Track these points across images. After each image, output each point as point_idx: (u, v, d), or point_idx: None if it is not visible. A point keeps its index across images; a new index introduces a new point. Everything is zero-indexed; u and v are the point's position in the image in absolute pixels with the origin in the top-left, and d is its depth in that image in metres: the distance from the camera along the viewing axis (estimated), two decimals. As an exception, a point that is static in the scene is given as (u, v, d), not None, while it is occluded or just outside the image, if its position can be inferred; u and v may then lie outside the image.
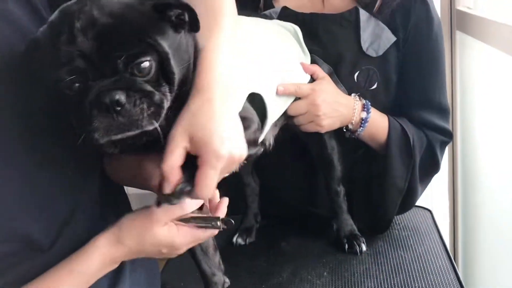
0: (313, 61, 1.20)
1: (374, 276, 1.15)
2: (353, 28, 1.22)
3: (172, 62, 0.74)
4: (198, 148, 0.72)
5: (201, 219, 0.83)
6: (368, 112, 1.19)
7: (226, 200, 0.88)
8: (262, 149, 0.98)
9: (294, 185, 1.35)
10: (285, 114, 1.12)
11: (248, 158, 0.82)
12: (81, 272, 0.78)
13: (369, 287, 1.12)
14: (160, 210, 0.78)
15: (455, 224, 1.81)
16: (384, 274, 1.16)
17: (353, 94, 1.21)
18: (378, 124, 1.22)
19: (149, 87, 0.72)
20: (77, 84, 0.71)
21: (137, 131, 0.72)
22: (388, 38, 1.22)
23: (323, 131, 1.17)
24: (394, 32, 1.22)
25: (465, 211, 1.75)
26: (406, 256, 1.22)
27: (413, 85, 1.25)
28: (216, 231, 0.85)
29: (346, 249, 1.24)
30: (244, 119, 0.84)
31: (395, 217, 1.33)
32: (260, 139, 0.96)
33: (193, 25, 0.77)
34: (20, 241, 0.76)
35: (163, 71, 0.74)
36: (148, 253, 0.82)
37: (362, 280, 1.14)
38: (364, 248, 1.24)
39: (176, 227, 0.81)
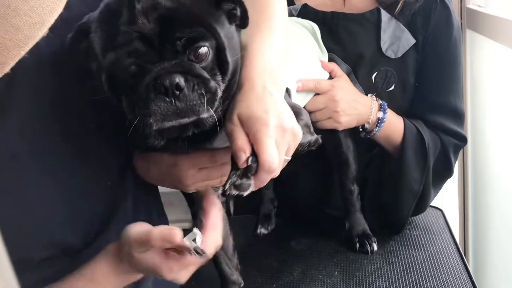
0: (331, 60, 1.20)
1: (385, 276, 1.15)
2: (373, 29, 1.22)
3: (227, 51, 0.74)
4: (246, 123, 0.71)
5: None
6: (384, 112, 1.19)
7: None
8: (320, 141, 0.93)
9: (307, 185, 1.35)
10: None
11: (308, 146, 0.83)
12: (89, 276, 0.77)
13: (380, 287, 1.11)
14: (132, 236, 0.74)
15: (466, 223, 1.80)
16: (395, 273, 1.15)
17: (369, 94, 1.21)
18: (393, 125, 1.21)
19: (205, 73, 0.72)
20: (133, 66, 0.70)
21: (192, 119, 0.72)
22: (407, 40, 1.21)
23: (340, 128, 1.17)
24: (414, 34, 1.22)
25: (476, 210, 1.74)
26: (418, 256, 1.22)
27: (430, 88, 1.25)
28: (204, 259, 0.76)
29: (357, 248, 1.24)
30: (292, 107, 0.83)
31: (405, 216, 1.32)
32: None
33: (243, 20, 0.78)
34: (57, 248, 0.78)
35: (218, 60, 0.74)
36: (146, 273, 0.78)
37: (373, 279, 1.14)
38: (375, 247, 1.23)
39: (152, 253, 0.73)
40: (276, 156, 0.71)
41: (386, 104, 1.20)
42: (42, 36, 0.56)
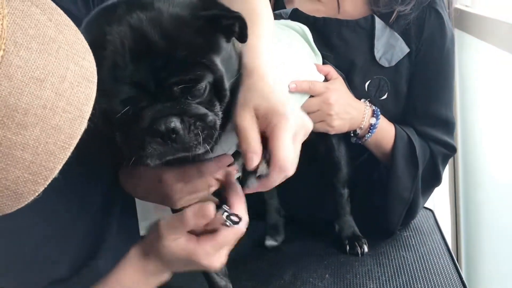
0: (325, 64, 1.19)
1: (376, 278, 1.14)
2: (367, 36, 1.21)
3: (225, 80, 0.72)
4: (265, 117, 0.69)
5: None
6: (377, 119, 1.18)
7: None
8: None
9: (299, 188, 1.34)
10: None
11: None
12: (116, 283, 0.76)
13: (371, 289, 1.11)
14: (163, 225, 0.73)
15: (457, 223, 1.80)
16: (386, 275, 1.15)
17: (363, 100, 1.20)
18: (385, 132, 1.21)
19: (202, 109, 0.70)
20: (128, 112, 0.67)
21: (189, 154, 0.71)
22: (401, 49, 1.21)
23: (332, 132, 1.15)
24: (407, 43, 1.21)
25: (467, 210, 1.74)
26: (408, 257, 1.21)
27: (420, 98, 1.24)
28: (240, 229, 0.74)
29: (348, 250, 1.23)
30: None
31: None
32: None
33: (242, 35, 0.74)
34: (45, 281, 0.76)
35: (216, 90, 0.72)
36: (174, 266, 0.77)
37: (364, 281, 1.14)
38: (366, 249, 1.23)
39: (185, 239, 0.72)
40: (292, 154, 0.68)
41: (379, 110, 1.19)
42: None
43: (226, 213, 0.71)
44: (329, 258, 1.23)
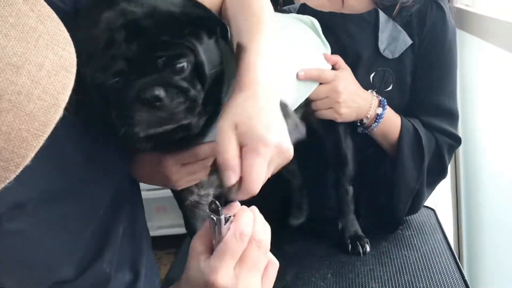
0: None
1: (378, 277, 1.15)
2: (371, 29, 1.23)
3: (205, 65, 0.79)
4: (244, 136, 0.69)
5: None
6: (384, 109, 1.20)
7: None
8: (304, 131, 0.94)
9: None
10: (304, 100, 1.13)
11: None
12: None
13: (373, 288, 1.11)
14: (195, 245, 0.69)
15: (459, 222, 1.80)
16: (388, 274, 1.15)
17: (370, 90, 1.22)
18: (391, 122, 1.23)
19: (185, 84, 0.77)
20: (118, 84, 0.74)
21: (174, 125, 0.77)
22: (405, 41, 1.23)
23: (339, 119, 1.17)
24: (410, 35, 1.23)
25: (469, 209, 1.74)
26: (410, 256, 1.21)
27: (424, 89, 1.26)
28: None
29: (350, 249, 1.24)
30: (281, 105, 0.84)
31: (398, 216, 1.32)
32: None
33: (225, 37, 0.82)
34: (50, 282, 0.77)
35: (197, 73, 0.79)
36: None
37: (367, 281, 1.14)
38: (368, 249, 1.23)
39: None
40: (261, 181, 0.68)
41: (385, 100, 1.21)
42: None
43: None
44: (331, 258, 1.23)
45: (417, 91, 1.27)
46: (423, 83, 1.26)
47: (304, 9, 1.26)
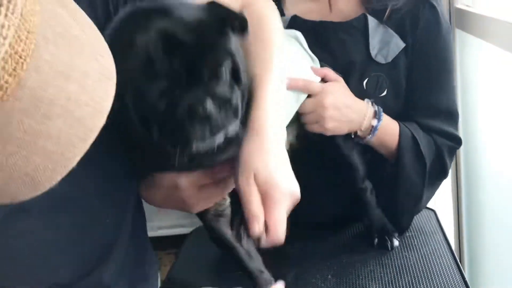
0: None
1: (379, 278, 1.14)
2: (361, 36, 1.21)
3: (240, 65, 0.79)
4: (264, 186, 0.74)
5: None
6: (379, 120, 1.17)
7: None
8: None
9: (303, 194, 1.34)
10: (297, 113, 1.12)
11: None
12: None
13: (374, 290, 1.11)
14: None
15: (460, 224, 1.80)
16: (389, 275, 1.15)
17: (366, 100, 1.19)
18: (389, 130, 1.20)
19: (228, 91, 0.76)
20: (165, 101, 0.72)
21: (225, 136, 0.76)
22: (397, 44, 1.20)
23: (327, 133, 1.14)
24: (403, 38, 1.21)
25: (469, 210, 1.74)
26: (411, 257, 1.21)
27: (421, 91, 1.24)
28: None
29: (376, 243, 1.23)
30: None
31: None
32: None
33: (244, 29, 0.81)
34: (45, 280, 0.77)
35: (234, 75, 0.78)
36: None
37: (367, 282, 1.13)
38: (396, 243, 1.23)
39: None
40: (284, 228, 0.73)
41: (382, 110, 1.19)
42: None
43: None
44: (331, 259, 1.23)
45: (414, 93, 1.24)
46: (419, 85, 1.24)
47: (295, 21, 1.24)
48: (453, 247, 1.27)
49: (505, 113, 1.38)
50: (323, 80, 1.16)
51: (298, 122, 1.12)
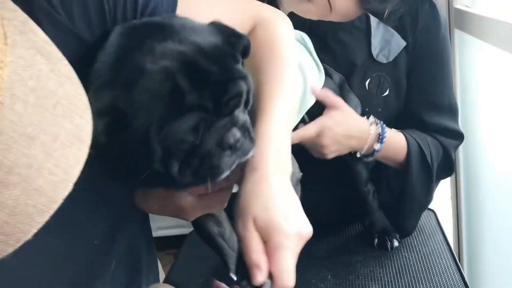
0: (325, 70, 1.18)
1: (378, 278, 1.14)
2: (363, 36, 1.21)
3: (251, 89, 0.76)
4: (265, 231, 0.69)
5: None
6: (381, 142, 1.16)
7: None
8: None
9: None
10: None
11: None
12: None
13: (373, 290, 1.11)
14: None
15: (459, 224, 1.80)
16: (388, 276, 1.15)
17: (371, 120, 1.17)
18: (392, 146, 1.19)
19: (247, 118, 0.74)
20: (193, 135, 0.69)
21: (243, 160, 0.74)
22: (398, 43, 1.20)
23: (328, 157, 1.14)
24: (403, 36, 1.20)
25: (469, 210, 1.74)
26: (411, 257, 1.21)
27: (423, 88, 1.24)
28: None
29: (376, 244, 1.23)
30: None
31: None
32: None
33: (246, 53, 0.77)
34: None
35: (246, 99, 0.75)
36: None
37: (367, 282, 1.13)
38: (396, 244, 1.23)
39: None
40: (292, 274, 0.68)
41: (386, 132, 1.16)
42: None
43: None
44: (331, 260, 1.23)
45: (416, 91, 1.24)
46: (421, 82, 1.24)
47: (292, 19, 1.21)
48: (452, 247, 1.27)
49: (504, 113, 1.38)
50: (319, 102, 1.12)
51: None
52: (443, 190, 1.76)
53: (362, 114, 1.20)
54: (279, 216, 0.69)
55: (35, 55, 0.47)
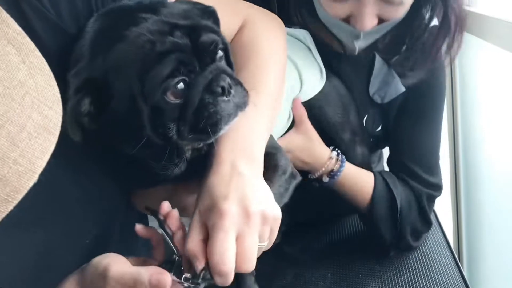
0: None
1: (378, 277, 1.15)
2: (365, 73, 1.19)
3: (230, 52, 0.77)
4: (205, 216, 0.67)
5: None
6: (332, 178, 1.13)
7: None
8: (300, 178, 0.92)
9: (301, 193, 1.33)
10: None
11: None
12: None
13: (373, 288, 1.11)
14: (115, 277, 0.66)
15: (459, 222, 1.80)
16: (388, 274, 1.15)
17: (333, 153, 1.14)
18: (353, 184, 1.16)
19: (231, 71, 0.74)
20: (181, 82, 0.68)
21: (244, 110, 0.73)
22: (396, 88, 1.17)
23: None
24: (403, 76, 1.17)
25: (468, 209, 1.74)
26: (410, 256, 1.21)
27: (409, 134, 1.19)
28: None
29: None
30: (270, 154, 0.83)
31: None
32: None
33: (216, 20, 0.78)
34: None
35: (226, 61, 0.76)
36: None
37: (366, 280, 1.14)
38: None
39: None
40: (228, 255, 0.63)
41: (341, 171, 1.13)
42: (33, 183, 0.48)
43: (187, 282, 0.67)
44: (331, 257, 1.23)
45: (401, 133, 1.20)
46: (409, 127, 1.19)
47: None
48: (452, 246, 1.27)
49: (504, 112, 1.38)
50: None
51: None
52: (443, 189, 1.76)
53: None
54: (219, 198, 0.66)
55: (6, 46, 0.47)
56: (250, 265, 0.65)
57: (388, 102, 1.20)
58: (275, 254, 1.27)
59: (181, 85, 0.68)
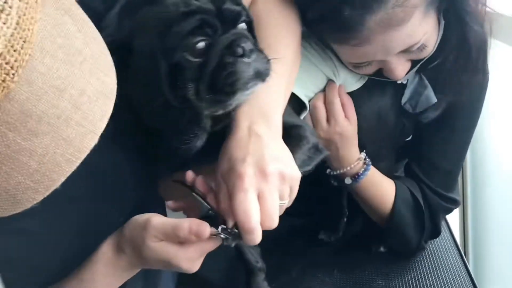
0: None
1: (384, 274, 1.15)
2: (399, 84, 1.13)
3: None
4: (225, 180, 0.70)
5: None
6: (355, 181, 1.12)
7: None
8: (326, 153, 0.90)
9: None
10: None
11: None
12: (88, 280, 0.73)
13: (379, 285, 1.11)
14: (156, 226, 0.70)
15: (465, 220, 1.79)
16: (394, 271, 1.15)
17: (362, 154, 1.12)
18: (374, 190, 1.14)
19: (254, 40, 0.75)
20: (201, 42, 0.69)
21: (266, 80, 0.73)
22: (427, 98, 1.11)
23: None
24: (439, 90, 1.10)
25: (475, 206, 1.74)
26: (417, 253, 1.21)
27: (431, 148, 1.16)
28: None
29: None
30: (294, 127, 0.83)
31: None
32: None
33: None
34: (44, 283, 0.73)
35: (250, 31, 0.77)
36: (152, 265, 0.74)
37: (373, 277, 1.14)
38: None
39: (173, 245, 0.70)
40: (252, 213, 0.65)
41: (365, 174, 1.12)
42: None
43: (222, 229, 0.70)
44: (337, 254, 1.23)
45: (428, 147, 1.16)
46: (435, 141, 1.15)
47: None
48: (458, 243, 1.27)
49: (511, 110, 1.38)
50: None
51: None
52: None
53: None
54: (238, 160, 0.68)
55: (63, 15, 0.50)
56: (272, 222, 0.67)
57: (422, 114, 1.14)
58: (281, 248, 1.28)
59: (201, 44, 0.69)
